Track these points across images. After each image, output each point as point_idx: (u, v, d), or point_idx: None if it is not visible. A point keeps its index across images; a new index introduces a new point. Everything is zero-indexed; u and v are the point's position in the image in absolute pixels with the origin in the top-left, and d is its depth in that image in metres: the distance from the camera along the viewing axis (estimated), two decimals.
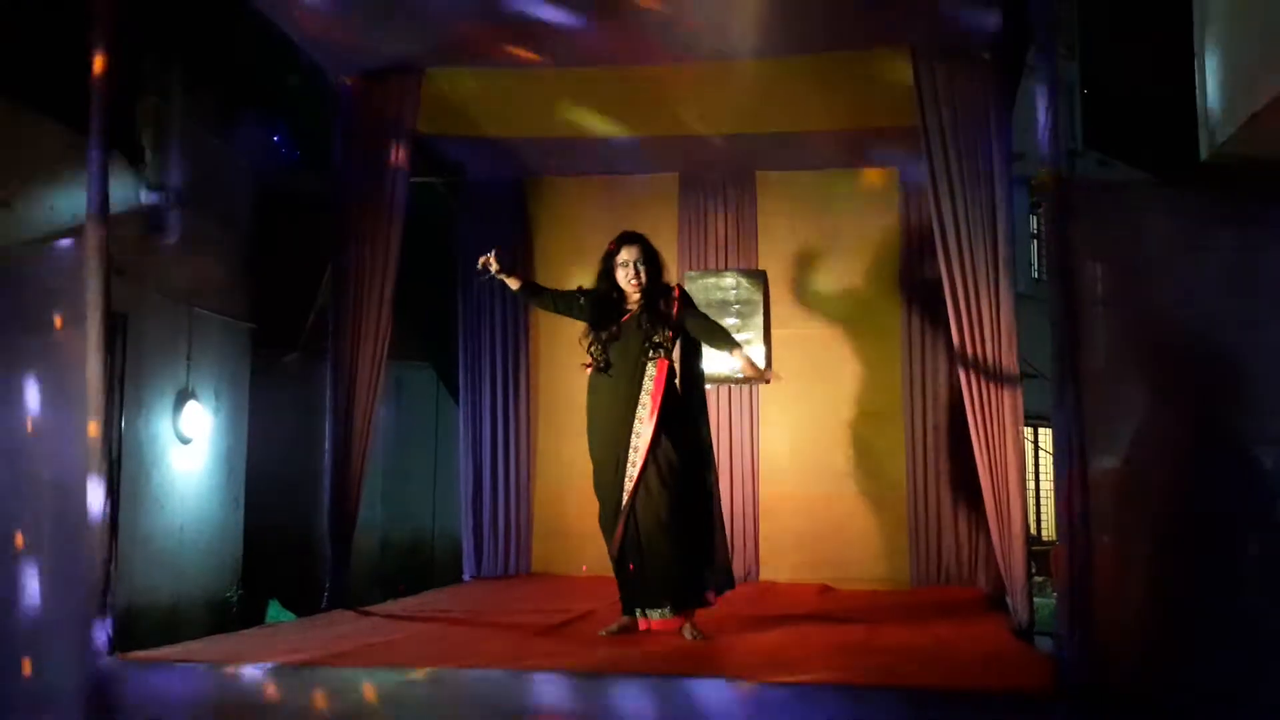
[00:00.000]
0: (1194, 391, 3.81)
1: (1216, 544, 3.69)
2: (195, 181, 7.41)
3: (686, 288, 7.32)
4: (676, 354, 4.84)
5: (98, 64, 4.25)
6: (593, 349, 4.81)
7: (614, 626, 4.81)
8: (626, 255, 4.76)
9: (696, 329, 4.82)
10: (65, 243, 4.34)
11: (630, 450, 4.66)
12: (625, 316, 4.80)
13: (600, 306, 4.82)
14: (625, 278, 4.75)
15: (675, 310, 4.75)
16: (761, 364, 7.17)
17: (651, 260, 4.77)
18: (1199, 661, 3.65)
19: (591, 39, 5.81)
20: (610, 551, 4.76)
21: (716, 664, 4.06)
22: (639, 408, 4.66)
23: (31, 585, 4.28)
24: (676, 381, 4.78)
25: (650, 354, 4.71)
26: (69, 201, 4.37)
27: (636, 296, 4.77)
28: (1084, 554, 3.55)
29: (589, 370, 4.83)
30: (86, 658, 4.04)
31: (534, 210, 8.08)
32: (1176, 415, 3.78)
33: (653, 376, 4.69)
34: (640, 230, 4.92)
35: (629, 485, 4.65)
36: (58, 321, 4.36)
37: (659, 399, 4.66)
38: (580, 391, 4.94)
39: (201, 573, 7.66)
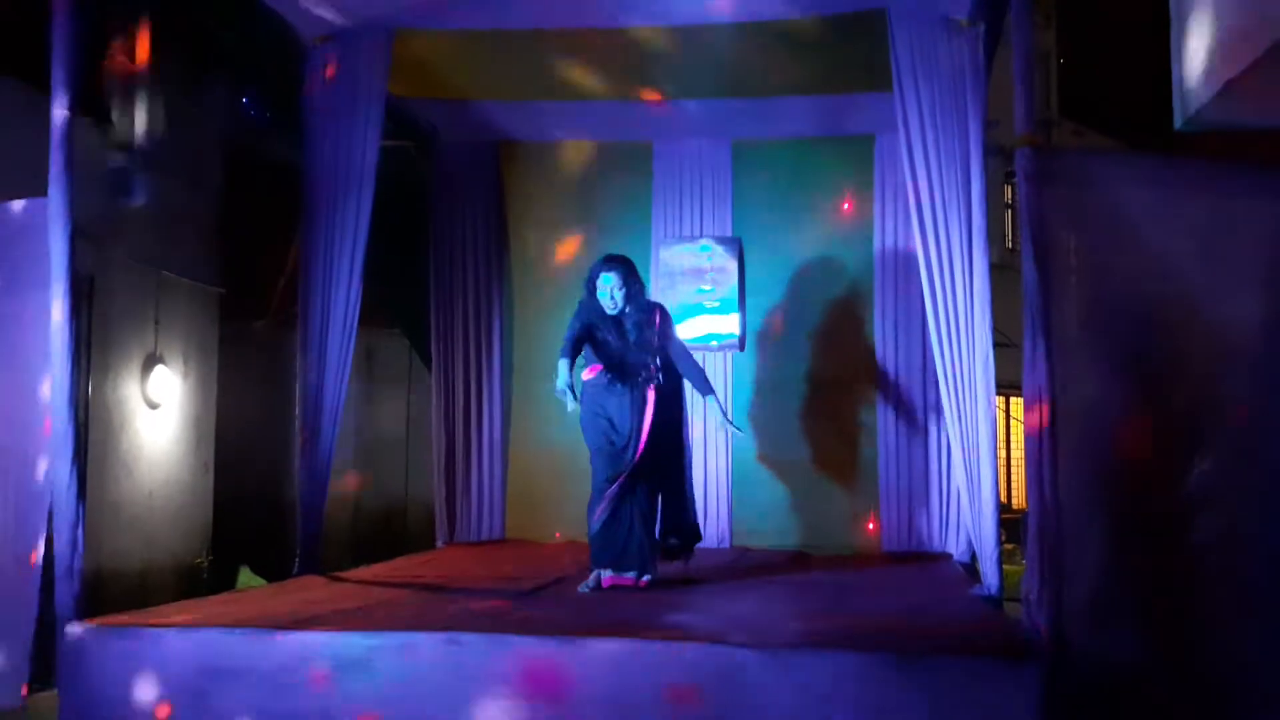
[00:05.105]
0: (1165, 361, 3.83)
1: (1182, 511, 3.72)
2: (163, 143, 7.30)
3: (661, 254, 7.43)
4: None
5: (60, 19, 4.17)
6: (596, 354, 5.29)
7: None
8: (604, 281, 5.19)
9: (678, 362, 5.39)
10: (30, 203, 4.27)
11: (623, 437, 5.18)
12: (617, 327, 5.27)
13: (596, 319, 5.27)
14: (604, 300, 5.21)
15: (656, 332, 5.28)
16: (737, 330, 7.21)
17: (629, 284, 5.22)
18: (1161, 627, 3.70)
19: (566, 1, 5.75)
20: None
21: (689, 629, 4.07)
22: (631, 405, 5.19)
23: None
24: (661, 378, 5.30)
25: (643, 369, 5.24)
26: (33, 162, 4.28)
27: (616, 314, 5.25)
28: (1052, 520, 3.58)
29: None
30: (54, 623, 4.01)
31: (508, 175, 8.01)
32: (1146, 384, 3.80)
33: (644, 380, 5.23)
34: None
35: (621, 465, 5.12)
36: (22, 284, 4.29)
37: (651, 397, 5.20)
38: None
39: (171, 538, 7.62)
